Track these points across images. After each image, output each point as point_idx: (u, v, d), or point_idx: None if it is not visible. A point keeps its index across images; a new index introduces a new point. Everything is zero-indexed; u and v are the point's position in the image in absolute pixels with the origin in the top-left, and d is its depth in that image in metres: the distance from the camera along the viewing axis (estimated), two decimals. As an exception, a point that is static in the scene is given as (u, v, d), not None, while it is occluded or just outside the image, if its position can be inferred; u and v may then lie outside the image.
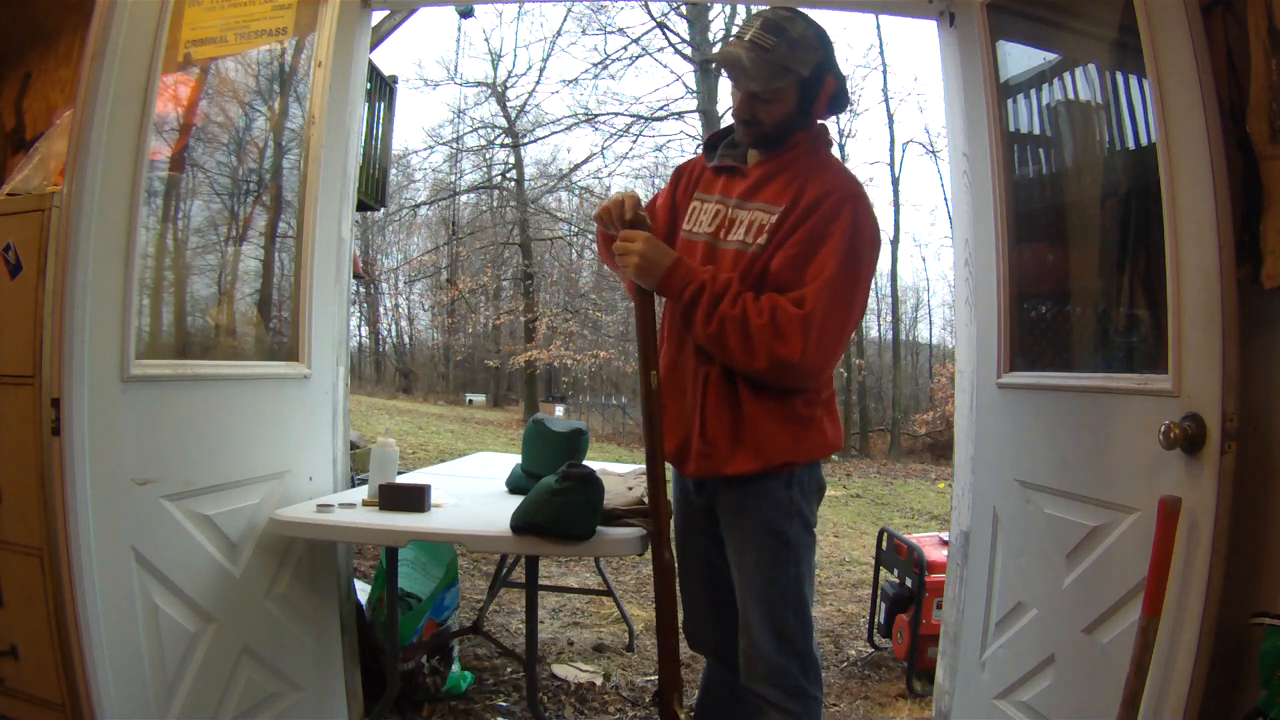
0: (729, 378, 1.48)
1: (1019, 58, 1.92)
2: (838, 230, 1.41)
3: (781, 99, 1.47)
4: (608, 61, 14.39)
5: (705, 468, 1.51)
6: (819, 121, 1.57)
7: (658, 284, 1.47)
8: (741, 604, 1.51)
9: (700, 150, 1.68)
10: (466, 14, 11.08)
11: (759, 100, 1.48)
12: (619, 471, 2.39)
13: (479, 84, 16.02)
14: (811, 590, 1.55)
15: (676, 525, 1.67)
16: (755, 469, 1.47)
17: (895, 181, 15.62)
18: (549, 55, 19.17)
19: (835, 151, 1.61)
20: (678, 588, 1.60)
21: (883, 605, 2.94)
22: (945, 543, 2.56)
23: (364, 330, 22.77)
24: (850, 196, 1.45)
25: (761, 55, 1.44)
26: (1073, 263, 1.91)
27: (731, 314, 1.40)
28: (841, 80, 1.53)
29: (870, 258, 1.47)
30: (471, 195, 17.67)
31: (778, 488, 1.50)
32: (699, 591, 1.66)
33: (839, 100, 1.54)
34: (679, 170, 1.72)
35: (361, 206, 5.79)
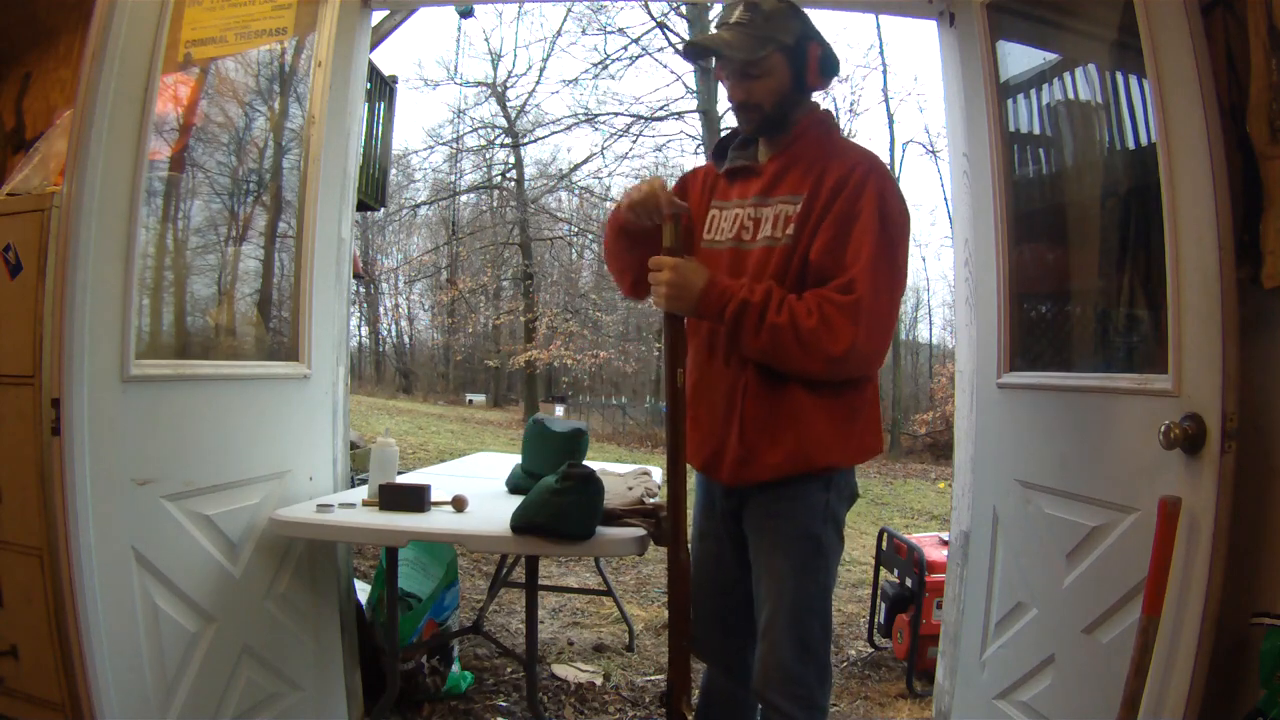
0: (768, 383, 1.45)
1: (1019, 58, 1.92)
2: (866, 206, 1.39)
3: (771, 71, 1.46)
4: (608, 61, 14.41)
5: (745, 475, 1.47)
6: (816, 101, 1.54)
7: (694, 309, 1.41)
8: (766, 609, 1.47)
9: (709, 158, 1.64)
10: (466, 14, 11.11)
11: (750, 78, 1.46)
12: (619, 471, 2.39)
13: (479, 84, 16.05)
14: (832, 598, 1.53)
15: (693, 527, 1.64)
16: (798, 470, 1.44)
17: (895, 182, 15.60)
18: (549, 55, 19.24)
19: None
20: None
21: (883, 605, 2.94)
22: (945, 543, 2.56)
23: (364, 330, 22.84)
24: (872, 171, 1.42)
25: (741, 30, 1.44)
26: (1073, 263, 1.91)
27: (779, 322, 1.36)
28: (825, 44, 1.49)
29: (903, 227, 1.43)
30: (471, 195, 17.71)
31: (816, 490, 1.46)
32: (711, 597, 1.61)
33: (828, 64, 1.49)
34: (686, 180, 1.67)
35: (361, 206, 5.79)
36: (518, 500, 1.77)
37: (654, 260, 1.44)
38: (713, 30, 1.50)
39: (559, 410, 13.49)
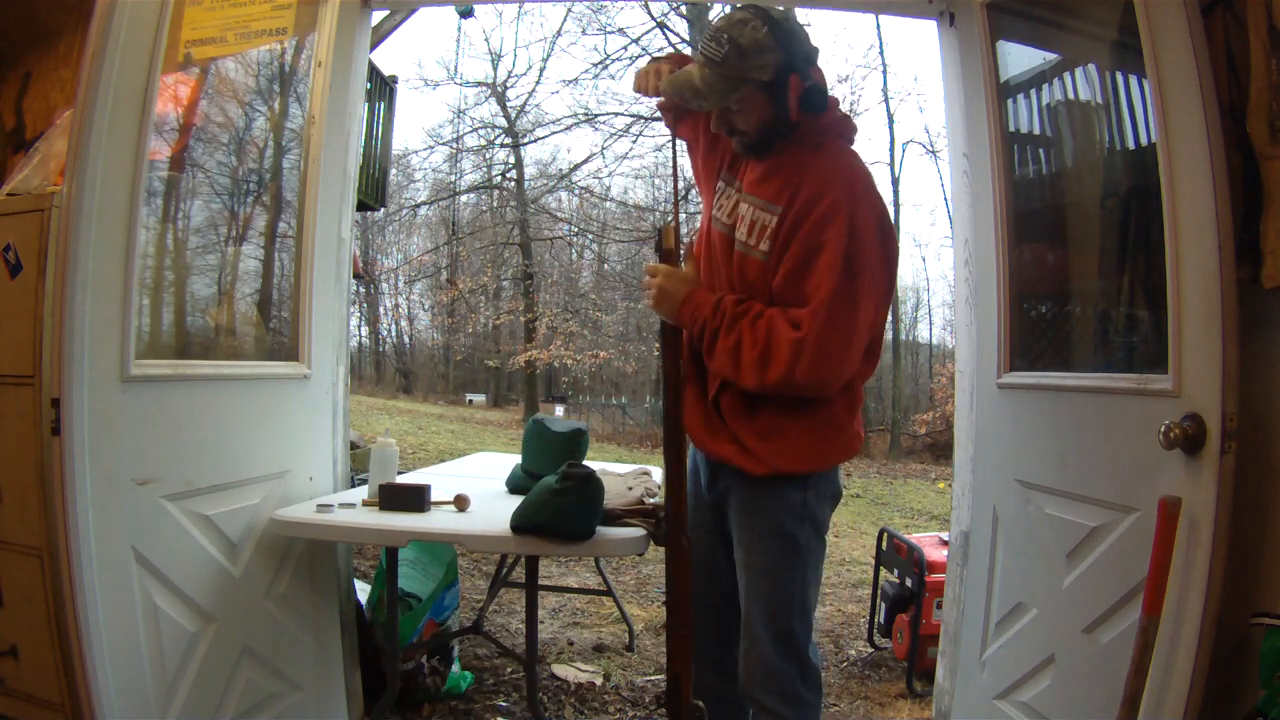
0: (747, 396, 1.47)
1: (1019, 58, 1.93)
2: (832, 238, 1.35)
3: (749, 107, 1.42)
4: (608, 61, 14.39)
5: (731, 454, 1.49)
6: (840, 113, 1.49)
7: (674, 318, 1.47)
8: (745, 605, 1.50)
9: None
10: (466, 14, 11.11)
11: (729, 111, 1.43)
12: (619, 471, 2.39)
13: (479, 84, 16.03)
14: (817, 596, 1.54)
15: None
16: (777, 471, 1.46)
17: (895, 181, 15.57)
18: (549, 55, 19.17)
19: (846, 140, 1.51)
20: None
21: (883, 605, 2.94)
22: (945, 543, 2.56)
23: (364, 330, 22.82)
24: (845, 197, 1.36)
25: (713, 70, 1.38)
26: (1073, 263, 1.91)
27: (726, 345, 1.41)
28: (809, 77, 1.41)
29: (876, 256, 1.38)
30: (471, 195, 17.68)
31: (793, 489, 1.48)
32: (701, 593, 1.60)
33: (810, 98, 1.39)
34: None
35: (361, 206, 5.80)
36: (518, 500, 1.77)
37: (649, 266, 1.51)
38: (694, 59, 1.45)
39: (559, 410, 13.51)
